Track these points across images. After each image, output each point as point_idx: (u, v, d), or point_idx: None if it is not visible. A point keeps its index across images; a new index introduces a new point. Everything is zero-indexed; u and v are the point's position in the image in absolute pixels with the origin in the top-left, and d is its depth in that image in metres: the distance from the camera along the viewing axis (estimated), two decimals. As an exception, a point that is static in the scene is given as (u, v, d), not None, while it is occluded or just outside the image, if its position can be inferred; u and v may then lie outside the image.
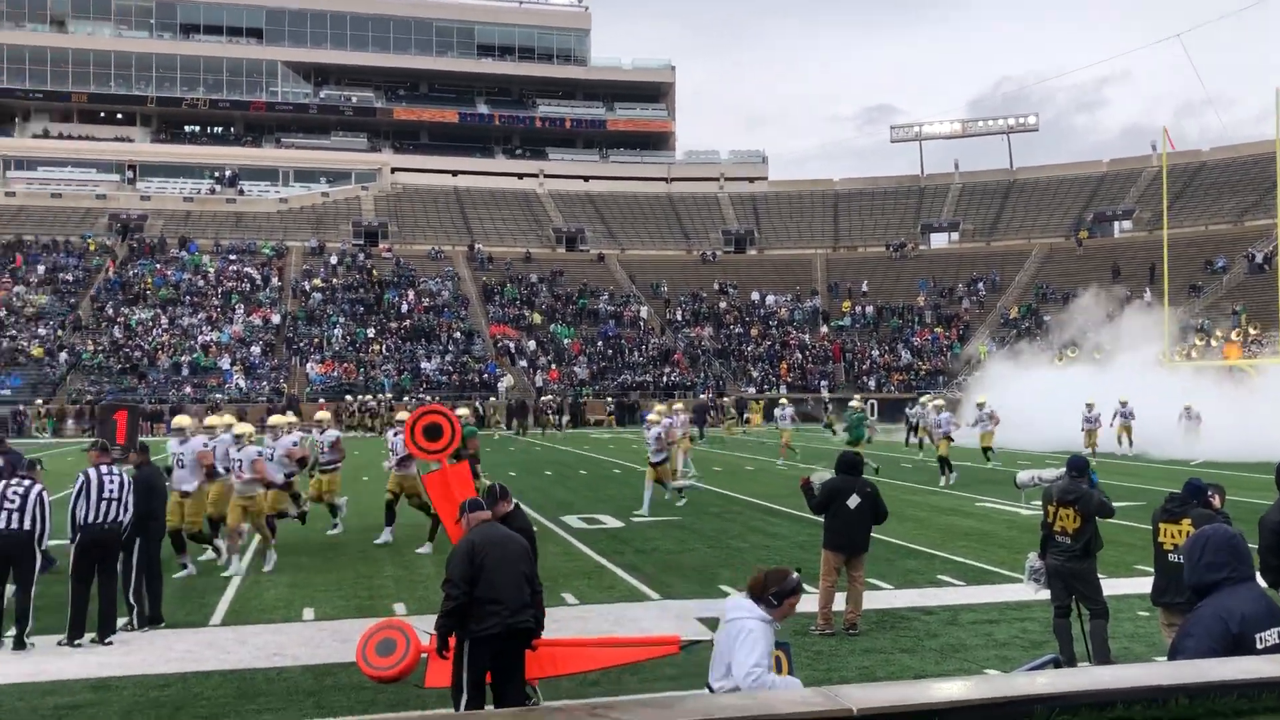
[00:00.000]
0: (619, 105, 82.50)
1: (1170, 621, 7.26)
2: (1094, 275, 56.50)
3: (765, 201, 77.27)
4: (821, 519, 10.14)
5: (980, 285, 64.60)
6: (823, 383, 56.15)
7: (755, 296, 65.44)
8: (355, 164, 75.60)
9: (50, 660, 9.10)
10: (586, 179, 77.72)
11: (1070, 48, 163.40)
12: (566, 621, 10.03)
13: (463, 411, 16.60)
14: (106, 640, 9.63)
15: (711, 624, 10.08)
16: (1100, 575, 8.68)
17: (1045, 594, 8.64)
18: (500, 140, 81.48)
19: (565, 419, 48.95)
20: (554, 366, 55.60)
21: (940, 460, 22.92)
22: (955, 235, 72.01)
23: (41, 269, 58.92)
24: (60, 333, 53.06)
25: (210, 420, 14.88)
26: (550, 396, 50.36)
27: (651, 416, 19.15)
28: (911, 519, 17.16)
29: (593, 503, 19.71)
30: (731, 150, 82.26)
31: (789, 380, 56.69)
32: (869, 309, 63.73)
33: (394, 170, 75.18)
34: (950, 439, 23.61)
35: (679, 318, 62.88)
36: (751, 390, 54.49)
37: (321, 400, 44.61)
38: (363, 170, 75.33)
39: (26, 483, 9.61)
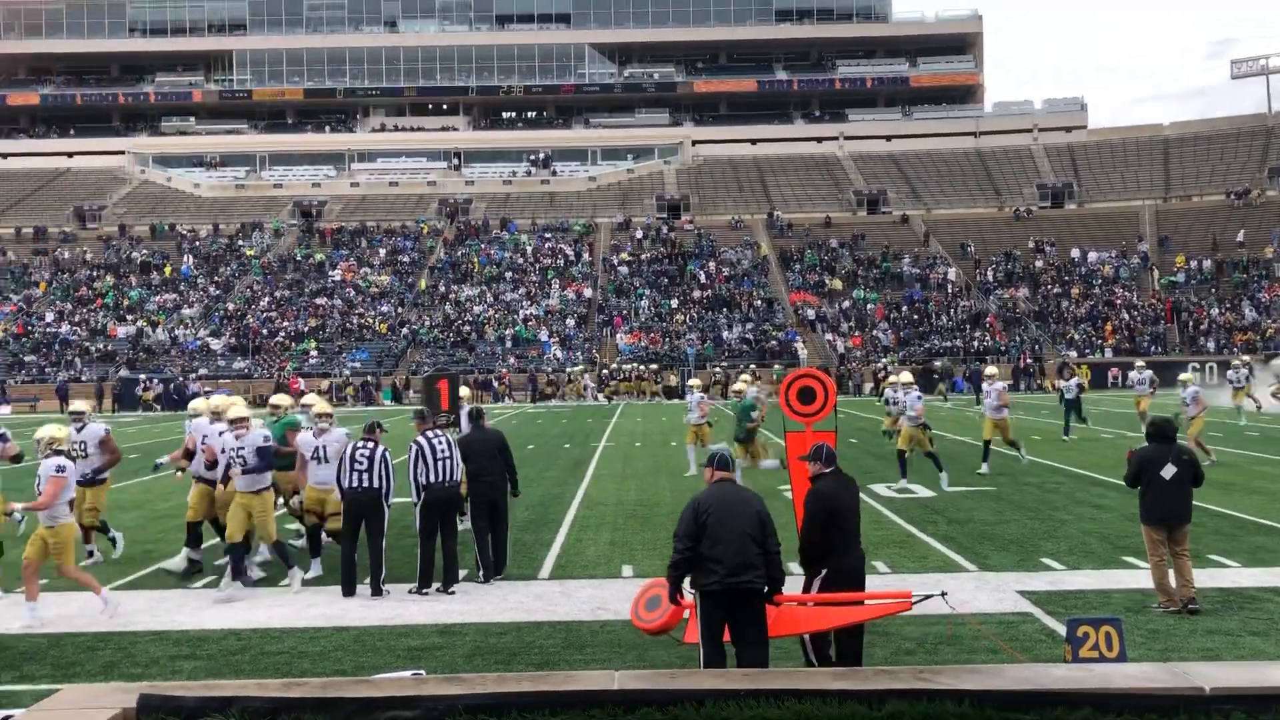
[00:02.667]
0: (922, 60, 79.66)
1: None
2: None
3: (1085, 152, 72.34)
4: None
5: (1342, 233, 57.57)
6: (1153, 346, 52.06)
7: (1075, 254, 61.47)
8: (658, 139, 77.62)
9: (403, 606, 10.04)
10: (889, 139, 75.78)
11: None
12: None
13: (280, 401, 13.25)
14: (450, 590, 10.50)
15: (1032, 597, 9.67)
16: None
17: None
18: (799, 105, 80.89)
19: (870, 386, 48.16)
20: (856, 333, 54.78)
21: (899, 454, 17.55)
22: (1311, 178, 64.57)
23: (383, 252, 64.74)
24: (400, 310, 58.14)
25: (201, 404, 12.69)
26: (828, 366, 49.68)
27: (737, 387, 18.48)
28: (1261, 491, 15.63)
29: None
30: (1046, 99, 77.86)
31: (1113, 343, 52.97)
32: (1207, 263, 58.30)
33: (695, 143, 76.55)
34: (926, 426, 17.53)
35: (990, 278, 60.14)
36: (1072, 354, 51.32)
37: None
38: (665, 145, 77.22)
39: (371, 444, 10.60)
